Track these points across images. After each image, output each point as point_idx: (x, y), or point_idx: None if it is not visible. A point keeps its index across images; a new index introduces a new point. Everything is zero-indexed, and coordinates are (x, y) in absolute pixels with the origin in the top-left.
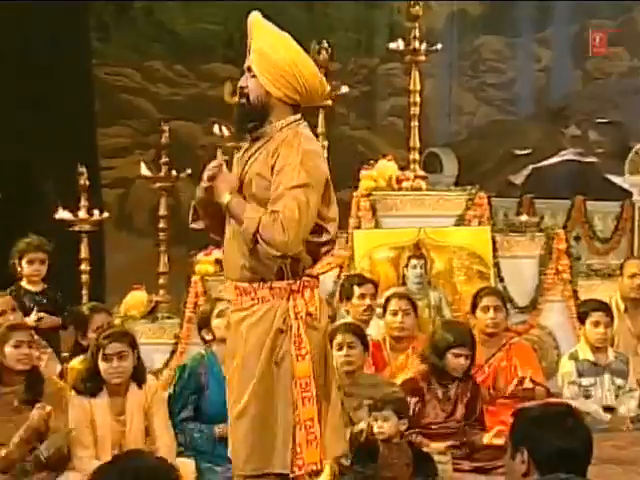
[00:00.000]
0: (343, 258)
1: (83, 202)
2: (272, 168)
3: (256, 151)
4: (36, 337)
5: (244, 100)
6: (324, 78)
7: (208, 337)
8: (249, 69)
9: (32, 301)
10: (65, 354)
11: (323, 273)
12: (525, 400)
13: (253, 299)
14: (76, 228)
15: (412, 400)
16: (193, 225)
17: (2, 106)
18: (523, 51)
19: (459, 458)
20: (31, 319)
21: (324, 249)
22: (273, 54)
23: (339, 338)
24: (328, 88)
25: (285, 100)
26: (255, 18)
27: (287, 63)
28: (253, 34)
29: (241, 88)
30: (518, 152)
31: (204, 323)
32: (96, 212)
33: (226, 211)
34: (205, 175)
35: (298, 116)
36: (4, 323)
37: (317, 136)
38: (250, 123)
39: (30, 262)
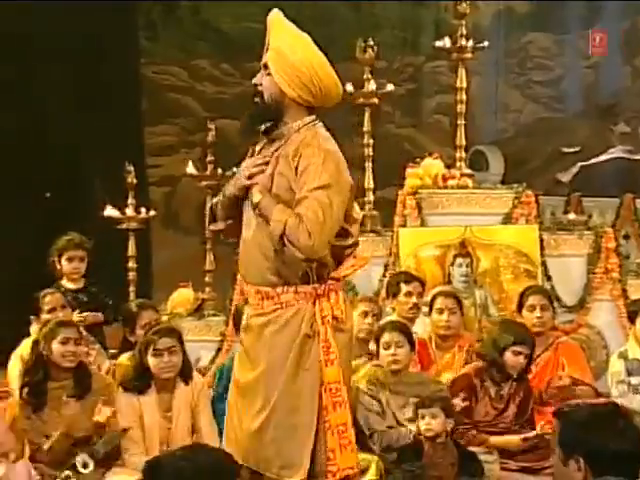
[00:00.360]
0: (365, 260)
1: (130, 200)
2: (296, 169)
3: (274, 152)
4: (84, 333)
5: (258, 98)
6: (340, 82)
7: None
8: (265, 66)
9: (73, 299)
10: (113, 350)
11: (347, 276)
12: (565, 399)
13: (276, 303)
14: (123, 226)
15: (463, 396)
16: (211, 227)
17: (50, 105)
18: (571, 48)
19: (506, 457)
20: (74, 319)
21: (347, 251)
22: (291, 54)
23: (386, 337)
24: (342, 90)
25: (299, 101)
26: (275, 16)
27: (304, 65)
28: (272, 32)
29: (255, 85)
30: (566, 150)
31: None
32: (143, 210)
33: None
34: (247, 172)
35: (313, 116)
36: (53, 319)
37: (363, 134)
38: (265, 122)
39: (70, 260)
